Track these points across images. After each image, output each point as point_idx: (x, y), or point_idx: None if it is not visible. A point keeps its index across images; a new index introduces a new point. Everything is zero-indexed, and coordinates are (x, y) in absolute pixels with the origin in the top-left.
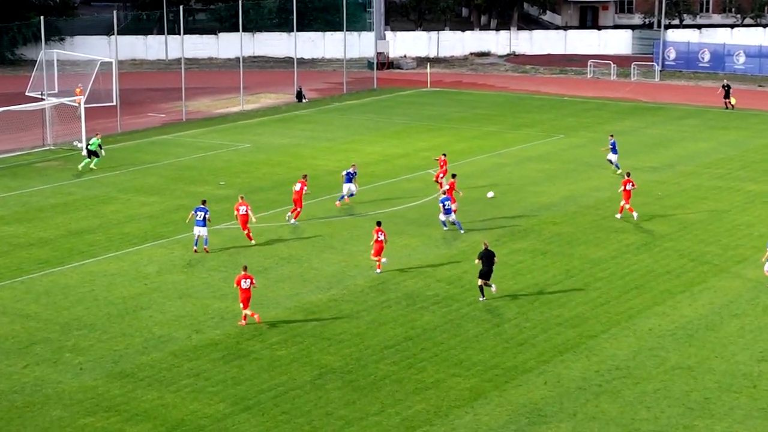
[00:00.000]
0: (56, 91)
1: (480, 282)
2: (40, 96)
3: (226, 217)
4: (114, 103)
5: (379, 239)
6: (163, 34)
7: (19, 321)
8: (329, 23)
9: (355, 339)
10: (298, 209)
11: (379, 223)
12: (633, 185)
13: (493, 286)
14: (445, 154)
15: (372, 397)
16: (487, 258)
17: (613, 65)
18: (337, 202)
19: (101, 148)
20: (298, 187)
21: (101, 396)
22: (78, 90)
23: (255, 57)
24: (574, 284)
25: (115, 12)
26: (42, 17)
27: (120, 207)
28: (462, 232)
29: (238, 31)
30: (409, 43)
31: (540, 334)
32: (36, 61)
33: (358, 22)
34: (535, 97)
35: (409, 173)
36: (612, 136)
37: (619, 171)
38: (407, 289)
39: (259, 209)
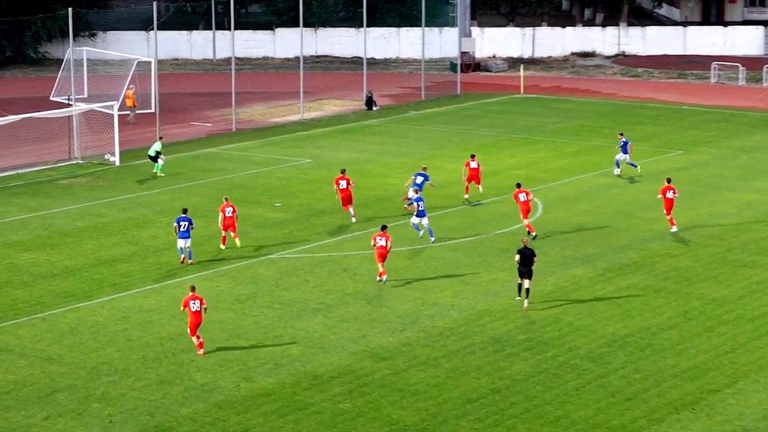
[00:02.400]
0: (86, 95)
1: (519, 281)
2: (66, 101)
3: (281, 245)
4: (152, 110)
5: (380, 245)
6: (211, 29)
7: (40, 364)
8: (405, 17)
9: (433, 390)
10: (350, 207)
11: (384, 228)
12: (675, 193)
13: (527, 302)
14: (473, 156)
15: None
16: (526, 257)
17: (741, 68)
18: (407, 206)
19: (159, 156)
20: (344, 184)
21: None
22: (129, 93)
23: (317, 57)
24: (694, 328)
25: (155, 4)
26: (70, 9)
27: (158, 232)
28: (432, 240)
29: (297, 26)
30: (499, 42)
31: (652, 388)
32: (62, 60)
33: (439, 17)
34: (649, 106)
35: (498, 195)
36: (622, 134)
37: (639, 169)
38: (494, 332)
39: (320, 236)
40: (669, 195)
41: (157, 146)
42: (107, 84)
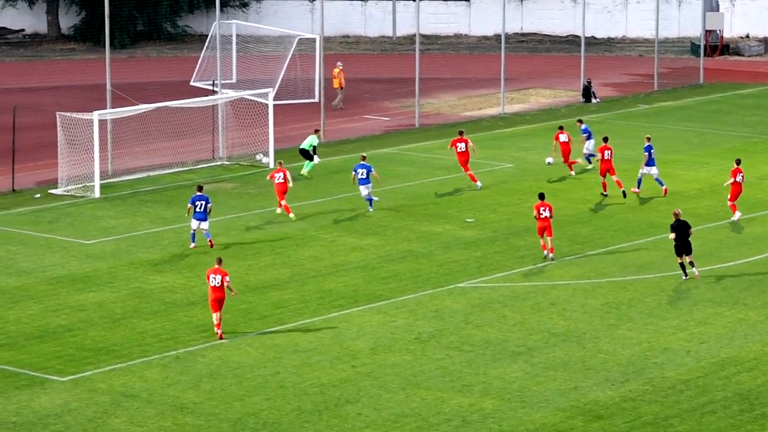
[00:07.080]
0: (234, 80)
1: (679, 260)
2: (210, 87)
3: (473, 271)
4: (316, 100)
5: (545, 216)
6: None
7: (171, 414)
8: None
9: None
10: (470, 172)
11: (542, 196)
12: (743, 177)
13: (695, 269)
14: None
15: None
16: (681, 230)
17: None
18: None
19: (315, 152)
20: (462, 147)
21: None
22: (338, 71)
23: (523, 34)
24: None
25: None
26: None
27: (320, 252)
28: (371, 210)
29: None
30: (754, 18)
31: None
32: (206, 36)
33: None
34: None
35: (749, 212)
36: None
37: (591, 166)
38: (742, 387)
39: (522, 261)
40: (739, 179)
41: (312, 140)
42: (261, 66)
